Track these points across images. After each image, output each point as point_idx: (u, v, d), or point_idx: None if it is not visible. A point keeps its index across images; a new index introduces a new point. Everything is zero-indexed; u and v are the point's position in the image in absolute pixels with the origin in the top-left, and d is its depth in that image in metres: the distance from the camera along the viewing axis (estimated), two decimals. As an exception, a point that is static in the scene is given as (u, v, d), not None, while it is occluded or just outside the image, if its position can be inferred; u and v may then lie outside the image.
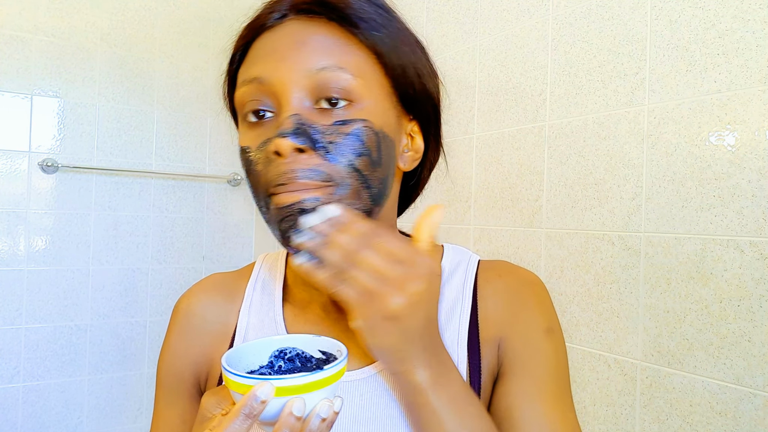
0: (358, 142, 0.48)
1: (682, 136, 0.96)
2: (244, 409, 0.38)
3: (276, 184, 0.47)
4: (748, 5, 0.88)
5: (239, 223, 2.30)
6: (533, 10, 1.24)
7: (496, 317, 0.56)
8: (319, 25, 0.50)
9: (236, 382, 0.39)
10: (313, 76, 0.48)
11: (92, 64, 1.97)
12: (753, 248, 0.86)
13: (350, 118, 0.48)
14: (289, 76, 0.48)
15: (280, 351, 0.47)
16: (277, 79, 0.48)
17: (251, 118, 0.51)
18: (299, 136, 0.46)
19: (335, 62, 0.48)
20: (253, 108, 0.50)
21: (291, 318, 0.58)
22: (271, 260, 0.64)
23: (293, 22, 0.51)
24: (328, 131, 0.47)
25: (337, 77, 0.48)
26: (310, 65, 0.48)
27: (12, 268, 1.86)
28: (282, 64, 0.48)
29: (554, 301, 1.16)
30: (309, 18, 0.50)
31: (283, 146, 0.46)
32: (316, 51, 0.48)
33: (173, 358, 0.60)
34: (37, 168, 1.89)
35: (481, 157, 1.37)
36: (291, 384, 0.38)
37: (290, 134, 0.46)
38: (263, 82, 0.49)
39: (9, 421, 1.84)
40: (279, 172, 0.47)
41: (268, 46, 0.51)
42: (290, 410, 0.38)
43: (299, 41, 0.49)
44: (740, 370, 0.87)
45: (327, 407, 0.40)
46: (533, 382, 0.53)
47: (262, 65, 0.50)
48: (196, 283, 0.64)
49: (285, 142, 0.46)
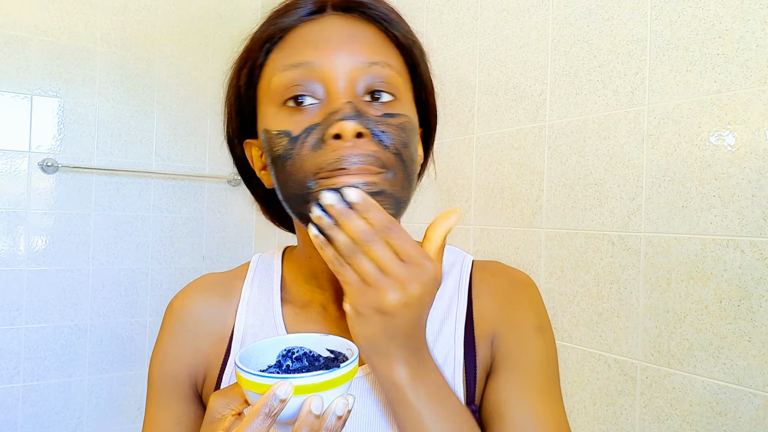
0: (404, 134, 0.50)
1: (682, 136, 0.96)
2: (264, 409, 0.38)
3: (333, 168, 0.47)
4: (748, 5, 0.88)
5: (239, 223, 2.30)
6: (533, 10, 1.24)
7: (489, 315, 0.58)
8: (363, 24, 0.53)
9: (253, 382, 0.39)
10: (366, 68, 0.50)
11: (92, 64, 1.97)
12: (753, 248, 0.86)
13: (395, 112, 0.50)
14: (344, 65, 0.49)
15: (288, 350, 0.47)
16: (331, 66, 0.49)
17: (290, 103, 0.50)
18: (364, 122, 0.48)
19: (384, 59, 0.51)
20: (297, 93, 0.50)
21: (291, 317, 0.58)
22: (266, 260, 0.64)
23: (335, 17, 0.53)
24: (379, 121, 0.49)
25: (386, 73, 0.50)
26: (363, 58, 0.50)
27: (12, 268, 1.86)
28: (336, 53, 0.50)
29: (554, 301, 1.17)
30: (350, 16, 0.53)
31: (348, 129, 0.46)
32: (369, 46, 0.51)
33: (167, 360, 0.59)
34: (37, 168, 1.89)
35: (481, 157, 1.37)
36: (309, 382, 0.39)
37: (356, 119, 0.47)
38: (314, 68, 0.49)
39: (9, 421, 1.84)
40: (338, 156, 0.47)
41: (316, 35, 0.51)
42: (309, 408, 0.39)
43: (351, 35, 0.51)
44: (740, 370, 0.87)
45: (343, 405, 0.40)
46: (523, 378, 0.54)
47: (312, 52, 0.50)
48: (190, 283, 0.63)
49: (350, 124, 0.46)
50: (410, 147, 0.51)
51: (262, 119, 0.53)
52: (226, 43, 2.24)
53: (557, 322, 1.16)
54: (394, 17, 0.54)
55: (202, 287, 0.62)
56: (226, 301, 0.60)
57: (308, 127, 0.49)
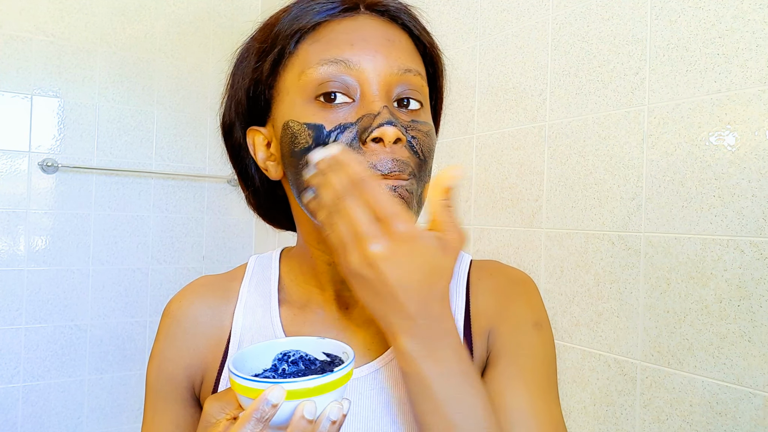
0: (430, 141, 0.52)
1: (682, 136, 0.96)
2: (255, 413, 0.38)
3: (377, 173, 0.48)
4: (748, 5, 0.88)
5: (239, 223, 2.30)
6: (533, 10, 1.24)
7: (486, 311, 0.57)
8: (397, 29, 0.54)
9: (245, 386, 0.39)
10: (401, 75, 0.51)
11: (92, 64, 1.97)
12: (753, 248, 0.86)
13: (422, 119, 0.52)
14: (381, 68, 0.50)
15: (284, 354, 0.47)
16: (369, 68, 0.50)
17: (322, 99, 0.50)
18: (399, 127, 0.48)
19: (416, 67, 0.52)
20: (331, 89, 0.49)
21: (288, 319, 0.57)
22: (263, 261, 0.63)
23: (369, 17, 0.53)
24: (410, 127, 0.50)
25: (418, 81, 0.52)
26: (400, 63, 0.51)
27: (12, 268, 1.86)
28: (375, 55, 0.50)
29: (554, 301, 1.17)
30: (383, 19, 0.53)
31: (390, 134, 0.47)
32: (404, 52, 0.52)
33: (165, 363, 0.59)
34: (37, 168, 1.89)
35: (481, 157, 1.37)
36: (301, 387, 0.38)
37: (395, 124, 0.47)
38: (351, 67, 0.49)
39: (9, 421, 1.84)
40: (377, 159, 0.48)
41: (353, 33, 0.51)
42: (302, 413, 0.38)
43: (388, 39, 0.52)
44: (740, 370, 0.87)
45: (337, 410, 0.39)
46: (518, 371, 0.53)
47: (351, 50, 0.50)
48: (187, 286, 0.63)
49: (392, 130, 0.47)
50: (433, 153, 0.53)
51: (284, 109, 0.52)
52: (226, 43, 2.24)
53: (557, 322, 1.16)
54: (421, 27, 0.56)
55: (199, 289, 0.61)
56: (223, 303, 0.60)
57: (342, 124, 0.48)
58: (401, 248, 0.42)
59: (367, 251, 0.42)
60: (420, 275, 0.43)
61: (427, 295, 0.44)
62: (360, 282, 0.43)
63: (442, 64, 0.58)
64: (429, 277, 0.43)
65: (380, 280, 0.42)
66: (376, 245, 0.42)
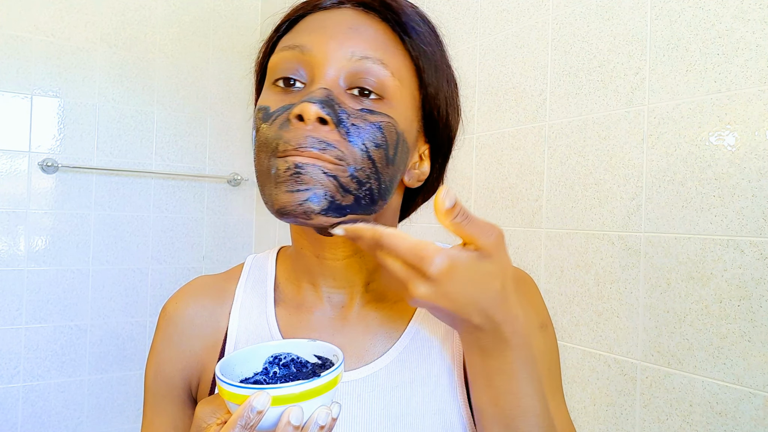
0: (379, 134, 0.48)
1: (682, 136, 0.96)
2: (240, 420, 0.37)
3: (291, 147, 0.46)
4: (748, 5, 0.88)
5: (239, 223, 2.30)
6: (533, 10, 1.24)
7: None
8: (373, 20, 0.52)
9: (231, 392, 0.38)
10: (355, 61, 0.49)
11: (92, 64, 1.97)
12: (753, 248, 0.86)
13: (378, 110, 0.49)
14: (333, 53, 0.49)
15: (275, 357, 0.46)
16: (320, 52, 0.49)
17: (280, 83, 0.51)
18: (327, 108, 0.46)
19: (379, 56, 0.50)
20: (286, 74, 0.50)
21: (284, 319, 0.57)
22: (260, 261, 0.63)
23: (349, 10, 0.53)
24: (354, 114, 0.48)
25: (376, 70, 0.49)
26: (355, 50, 0.49)
27: (12, 268, 1.86)
28: (329, 40, 0.50)
29: (554, 301, 1.17)
30: (365, 11, 0.52)
31: (309, 111, 0.45)
32: (366, 40, 0.50)
33: (162, 364, 0.59)
34: (37, 168, 1.89)
35: (481, 157, 1.37)
36: (287, 392, 0.38)
37: (319, 103, 0.46)
38: (305, 52, 0.50)
39: (9, 421, 1.84)
40: (297, 136, 0.46)
41: (320, 22, 0.52)
42: (288, 419, 0.38)
43: (352, 27, 0.51)
44: (740, 370, 0.87)
45: (325, 414, 0.39)
46: None
47: (308, 36, 0.51)
48: (183, 286, 0.62)
49: (311, 107, 0.45)
50: (385, 150, 0.49)
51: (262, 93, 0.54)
52: (226, 43, 2.24)
53: (557, 322, 1.16)
54: (414, 24, 0.52)
55: (196, 290, 0.61)
56: (219, 304, 0.59)
57: (284, 105, 0.49)
58: (442, 285, 0.42)
59: (418, 292, 0.43)
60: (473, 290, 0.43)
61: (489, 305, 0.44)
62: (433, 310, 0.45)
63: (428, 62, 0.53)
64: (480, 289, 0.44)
65: (444, 314, 0.44)
66: (421, 288, 0.43)
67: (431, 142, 0.57)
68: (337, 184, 0.47)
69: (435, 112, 0.54)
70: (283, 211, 0.46)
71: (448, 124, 0.56)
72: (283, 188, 0.46)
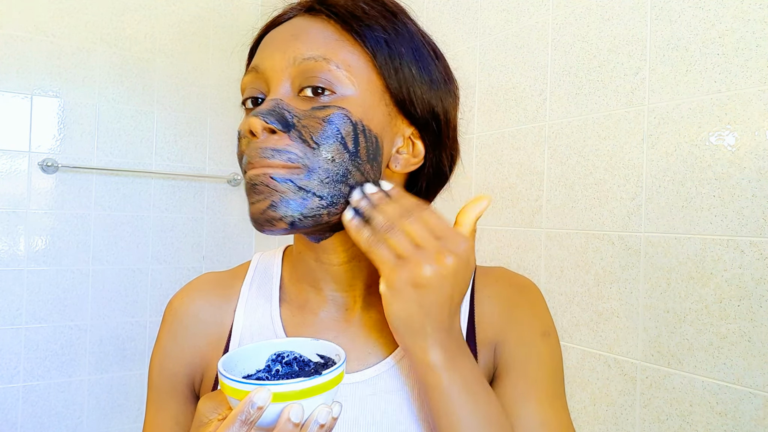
0: (333, 129, 0.48)
1: (682, 136, 0.96)
2: (240, 416, 0.38)
3: (248, 162, 0.49)
4: (748, 5, 0.88)
5: (239, 223, 2.30)
6: (533, 10, 1.24)
7: (492, 320, 0.57)
8: (317, 21, 0.52)
9: (232, 388, 0.39)
10: (298, 65, 0.50)
11: (92, 64, 1.97)
12: (753, 248, 0.86)
13: (330, 104, 0.49)
14: (278, 64, 0.51)
15: (278, 355, 0.46)
16: (268, 68, 0.51)
17: (249, 104, 0.54)
18: (271, 117, 0.48)
19: (321, 53, 0.50)
20: (251, 95, 0.53)
21: (288, 318, 0.57)
22: (266, 260, 0.63)
23: (297, 18, 0.54)
24: (305, 115, 0.49)
25: (320, 66, 0.49)
26: (297, 55, 0.50)
27: (12, 268, 1.86)
28: (275, 53, 0.51)
29: (554, 301, 1.17)
30: (311, 15, 0.53)
31: (254, 125, 0.48)
32: (306, 43, 0.51)
33: (166, 360, 0.59)
34: (37, 168, 1.89)
35: (481, 157, 1.37)
36: (288, 390, 0.38)
37: (263, 115, 0.48)
38: (258, 71, 0.52)
39: (9, 421, 1.84)
40: (251, 150, 0.49)
41: (271, 39, 0.54)
42: (288, 416, 0.38)
43: (294, 34, 0.52)
44: (740, 370, 0.87)
45: (326, 413, 0.39)
46: (529, 383, 0.54)
47: (261, 55, 0.53)
48: (189, 283, 0.63)
49: (255, 120, 0.48)
50: (345, 142, 0.48)
51: None
52: (226, 43, 2.24)
53: (557, 323, 1.16)
54: (358, 11, 0.51)
55: (202, 287, 0.61)
56: (225, 301, 0.60)
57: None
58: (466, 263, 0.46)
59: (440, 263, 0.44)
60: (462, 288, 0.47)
61: (456, 309, 0.47)
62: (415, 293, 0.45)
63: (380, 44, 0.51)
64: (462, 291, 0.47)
65: (442, 291, 0.45)
66: (449, 258, 0.44)
67: (415, 123, 0.54)
68: (295, 186, 0.48)
69: (404, 92, 0.52)
70: (254, 223, 0.49)
71: (424, 99, 0.53)
72: (249, 202, 0.50)
